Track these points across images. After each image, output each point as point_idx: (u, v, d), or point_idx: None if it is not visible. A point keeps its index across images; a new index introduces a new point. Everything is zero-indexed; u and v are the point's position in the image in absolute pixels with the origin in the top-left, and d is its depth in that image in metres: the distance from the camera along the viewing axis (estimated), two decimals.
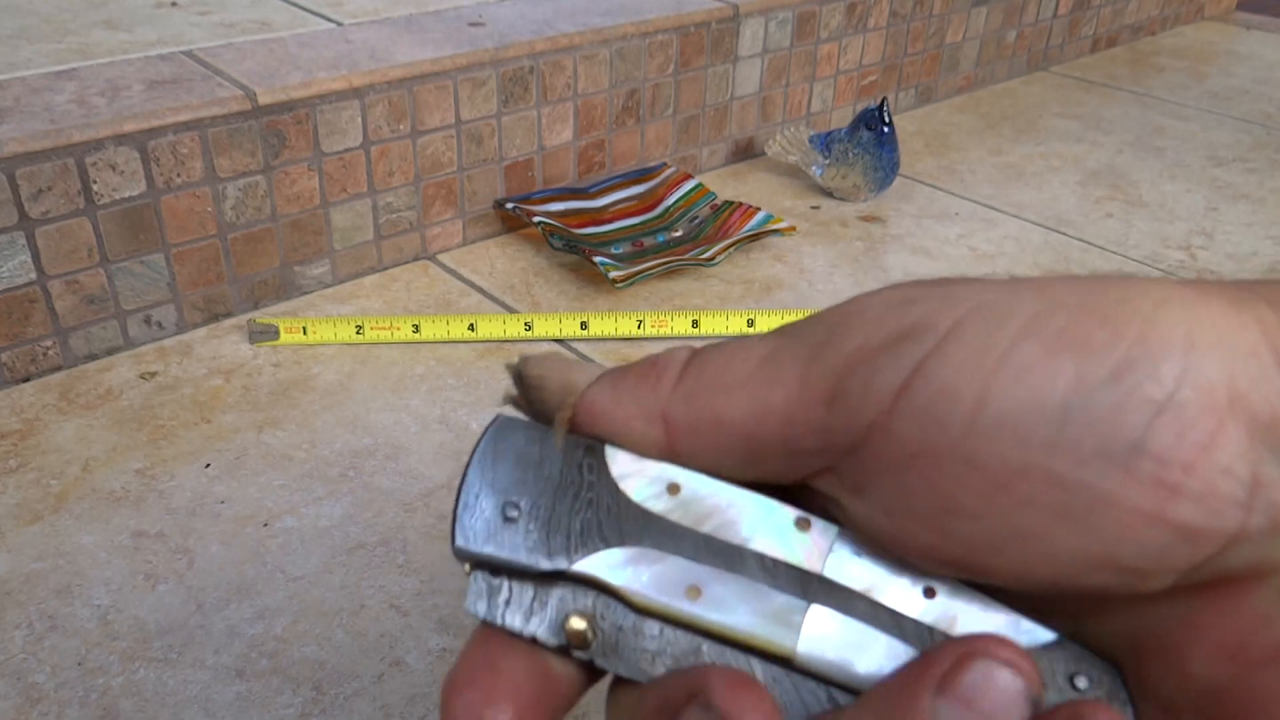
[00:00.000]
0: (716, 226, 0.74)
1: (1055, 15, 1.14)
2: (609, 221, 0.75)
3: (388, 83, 0.64)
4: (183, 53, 0.65)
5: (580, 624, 0.18)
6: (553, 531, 0.18)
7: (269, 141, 0.60)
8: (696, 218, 0.75)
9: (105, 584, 0.44)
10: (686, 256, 0.68)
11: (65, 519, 0.47)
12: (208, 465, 0.51)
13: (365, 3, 0.78)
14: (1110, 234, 0.79)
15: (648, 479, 0.18)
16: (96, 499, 0.49)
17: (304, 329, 0.61)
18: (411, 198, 0.69)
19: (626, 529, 0.18)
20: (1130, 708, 0.17)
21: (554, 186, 0.76)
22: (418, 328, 0.61)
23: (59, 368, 0.58)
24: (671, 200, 0.77)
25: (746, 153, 0.89)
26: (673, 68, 0.79)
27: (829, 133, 0.82)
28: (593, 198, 0.76)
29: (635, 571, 0.18)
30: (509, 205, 0.72)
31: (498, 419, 0.19)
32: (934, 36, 1.00)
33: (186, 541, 0.46)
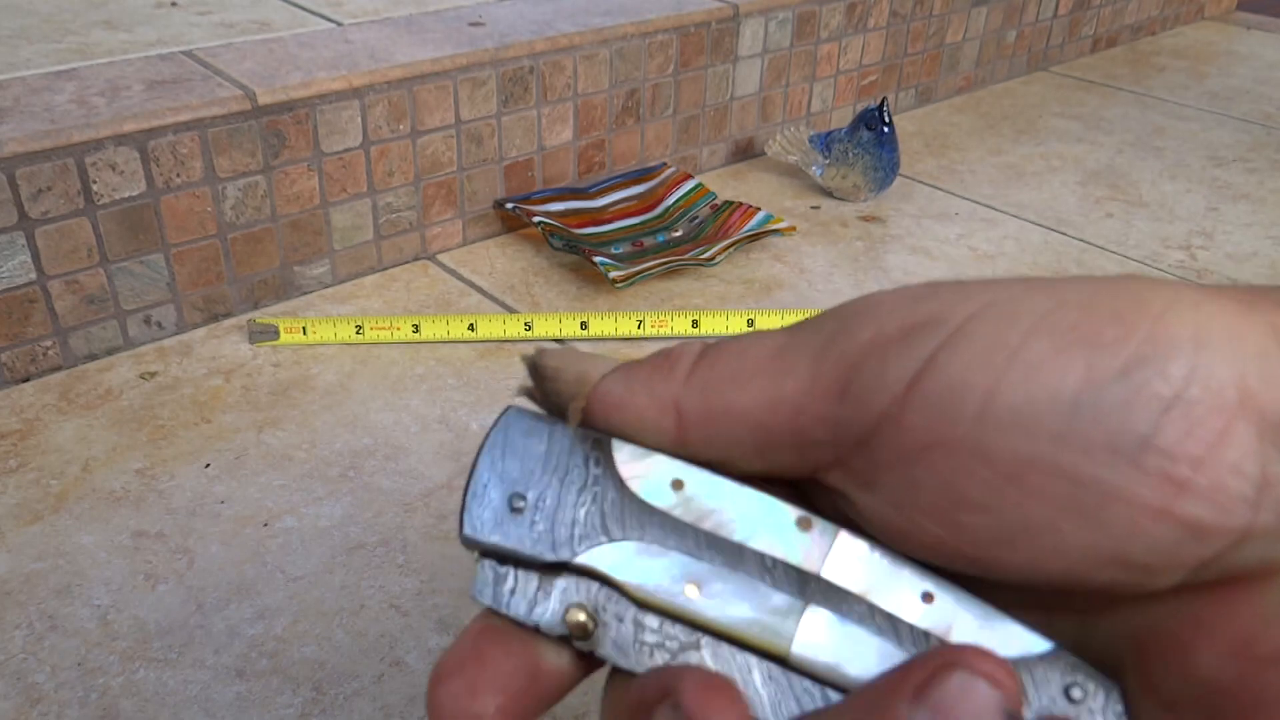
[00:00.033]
0: (716, 226, 0.74)
1: (1055, 15, 1.14)
2: (609, 221, 0.75)
3: (388, 83, 0.64)
4: (183, 53, 0.65)
5: (582, 615, 0.18)
6: (558, 523, 0.18)
7: (269, 141, 0.60)
8: (696, 218, 0.75)
9: (105, 584, 0.44)
10: (686, 256, 0.68)
11: (65, 519, 0.47)
12: (208, 465, 0.51)
13: (365, 3, 0.78)
14: (1110, 234, 0.79)
15: (652, 474, 0.19)
16: (96, 499, 0.49)
17: (304, 329, 0.61)
18: (411, 198, 0.69)
19: (629, 523, 0.18)
20: None
21: (554, 186, 0.76)
22: (418, 328, 0.61)
23: (59, 368, 0.58)
24: (671, 200, 0.77)
25: (746, 153, 0.89)
26: (673, 68, 0.79)
27: (829, 133, 0.82)
28: (593, 198, 0.76)
29: (636, 566, 0.18)
30: (509, 205, 0.72)
31: (508, 410, 0.20)
32: (934, 36, 1.00)
33: (186, 541, 0.46)
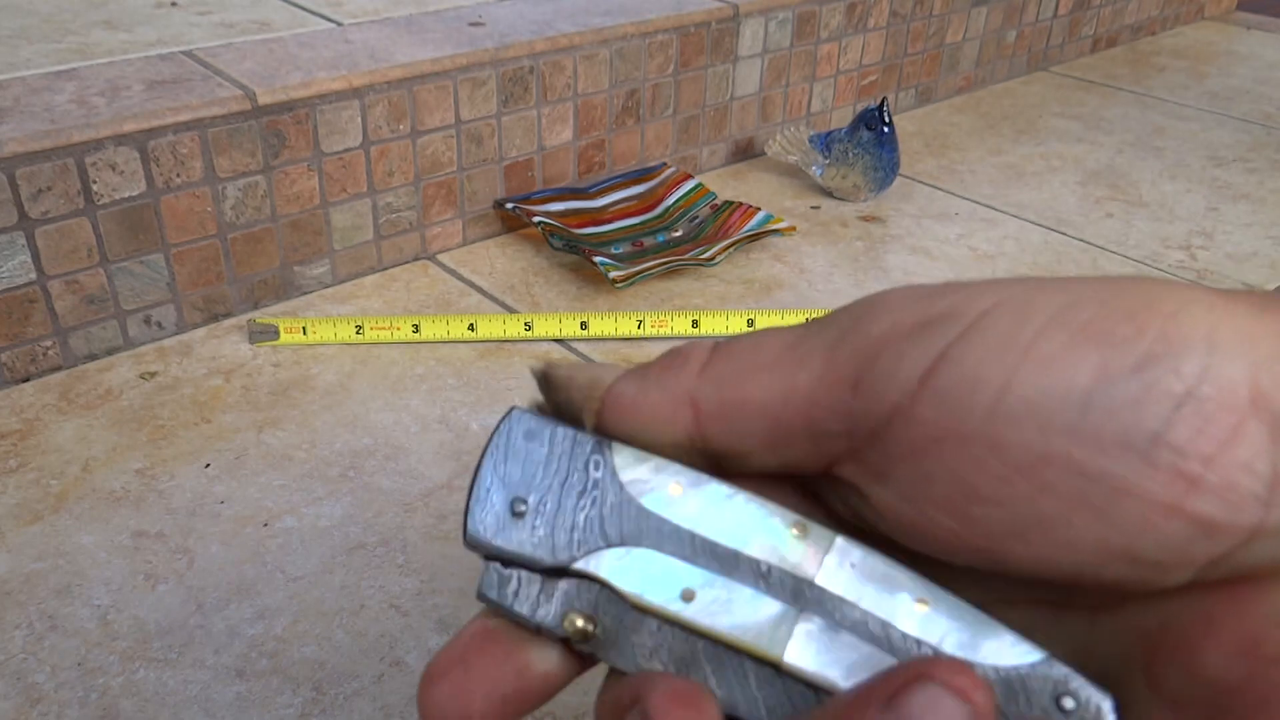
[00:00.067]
0: (716, 226, 0.74)
1: (1055, 15, 1.14)
2: (609, 221, 0.75)
3: (388, 83, 0.64)
4: (183, 53, 0.65)
5: (581, 620, 0.18)
6: (558, 528, 0.19)
7: (269, 141, 0.60)
8: (696, 218, 0.75)
9: (105, 584, 0.44)
10: (686, 256, 0.68)
11: (65, 519, 0.47)
12: (208, 465, 0.51)
13: (365, 3, 0.78)
14: (1110, 234, 0.79)
15: (652, 478, 0.19)
16: (96, 499, 0.49)
17: (304, 329, 0.61)
18: (411, 198, 0.69)
19: (627, 528, 0.18)
20: None
21: (554, 186, 0.76)
22: (418, 328, 0.61)
23: (59, 368, 0.58)
24: (671, 200, 0.77)
25: (746, 153, 0.89)
26: (673, 68, 0.79)
27: (829, 133, 0.82)
28: (593, 198, 0.76)
29: (633, 572, 0.18)
30: (509, 205, 0.72)
31: (512, 411, 0.20)
32: (934, 36, 1.00)
33: (186, 541, 0.46)
